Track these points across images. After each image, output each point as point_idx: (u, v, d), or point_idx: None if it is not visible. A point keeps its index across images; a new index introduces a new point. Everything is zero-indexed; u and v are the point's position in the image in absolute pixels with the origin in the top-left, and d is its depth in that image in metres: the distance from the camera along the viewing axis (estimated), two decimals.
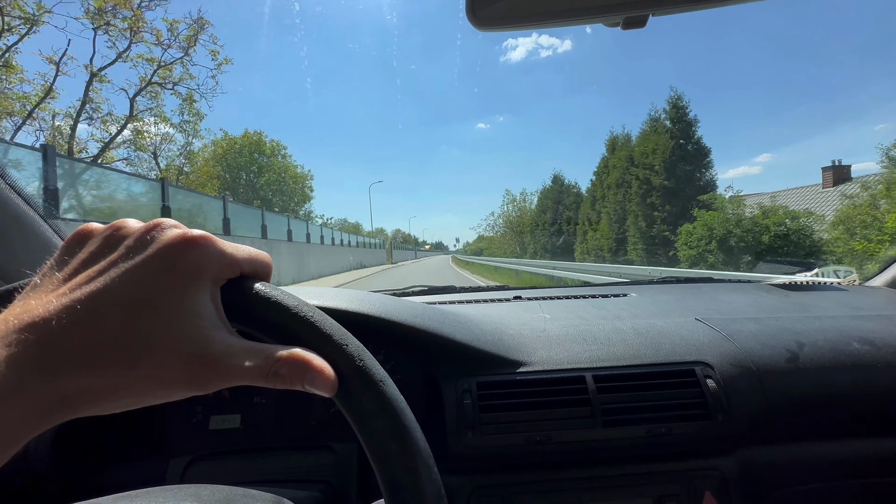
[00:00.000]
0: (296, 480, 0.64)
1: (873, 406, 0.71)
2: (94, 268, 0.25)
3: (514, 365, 0.69)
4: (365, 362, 0.29)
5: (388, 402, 0.28)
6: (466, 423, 0.64)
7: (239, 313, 0.28)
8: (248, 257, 0.30)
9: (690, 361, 0.70)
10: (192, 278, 0.25)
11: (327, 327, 0.28)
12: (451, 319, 0.72)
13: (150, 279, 0.24)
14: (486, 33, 0.46)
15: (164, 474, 0.65)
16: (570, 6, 0.46)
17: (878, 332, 0.77)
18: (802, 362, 0.71)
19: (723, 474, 0.66)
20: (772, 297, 1.01)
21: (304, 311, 0.28)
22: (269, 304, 0.28)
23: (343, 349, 0.28)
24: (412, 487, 0.28)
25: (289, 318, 0.28)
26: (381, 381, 0.29)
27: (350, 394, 0.28)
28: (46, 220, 0.75)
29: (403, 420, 0.29)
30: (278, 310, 0.28)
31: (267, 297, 0.28)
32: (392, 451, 0.28)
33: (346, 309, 0.65)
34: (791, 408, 0.69)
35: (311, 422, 0.72)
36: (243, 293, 0.28)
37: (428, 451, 0.30)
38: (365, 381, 0.28)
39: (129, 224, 0.27)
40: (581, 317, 0.86)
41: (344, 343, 0.28)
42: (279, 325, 0.28)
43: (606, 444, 0.65)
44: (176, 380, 0.24)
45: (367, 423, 0.28)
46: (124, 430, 0.70)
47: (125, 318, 0.23)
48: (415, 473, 0.28)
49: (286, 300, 0.28)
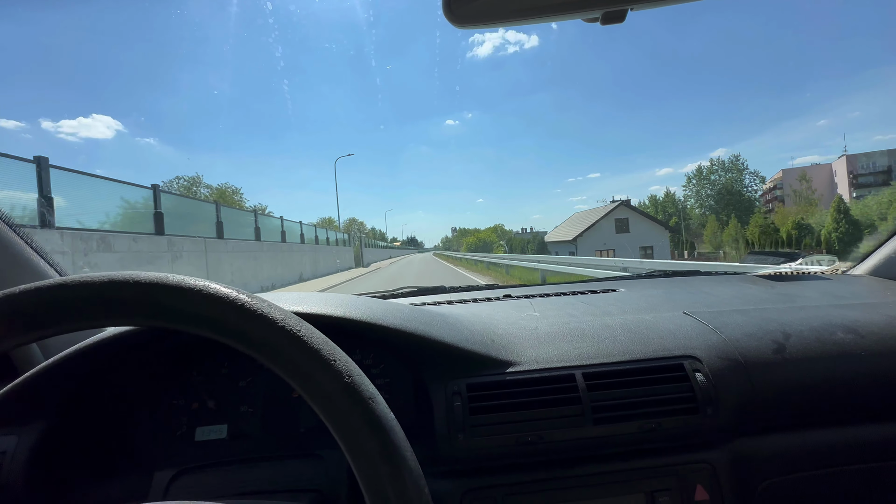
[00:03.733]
0: (284, 490, 0.63)
1: (858, 394, 0.72)
2: None
3: (504, 365, 0.68)
4: (353, 379, 0.28)
5: (378, 420, 0.27)
6: (457, 426, 0.63)
7: (213, 326, 0.27)
8: None
9: (679, 356, 0.70)
10: None
11: (315, 342, 0.28)
12: (439, 321, 0.72)
13: None
14: (458, 29, 0.45)
15: (148, 489, 0.63)
16: (549, 2, 0.45)
17: (862, 320, 0.78)
18: (788, 353, 0.72)
19: (713, 466, 0.66)
20: (758, 289, 1.03)
21: (290, 325, 0.27)
22: (254, 317, 0.27)
23: (331, 365, 0.27)
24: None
25: (274, 331, 0.27)
26: (370, 398, 0.28)
27: (338, 412, 0.27)
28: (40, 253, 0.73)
29: (393, 439, 0.28)
30: (263, 323, 0.27)
31: (252, 309, 0.27)
32: (382, 472, 0.27)
33: (332, 314, 0.63)
34: (778, 398, 0.70)
35: (299, 430, 0.70)
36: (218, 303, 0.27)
37: (419, 472, 0.29)
38: (353, 399, 0.27)
39: None
40: (570, 314, 0.85)
41: (332, 358, 0.27)
42: (263, 339, 0.27)
43: (598, 442, 0.65)
44: None
45: (356, 444, 0.27)
46: (106, 444, 0.68)
47: None
48: (405, 495, 0.27)
49: (273, 313, 0.27)
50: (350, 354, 0.30)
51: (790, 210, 38.91)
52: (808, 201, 39.93)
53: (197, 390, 0.72)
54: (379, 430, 0.27)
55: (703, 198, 51.45)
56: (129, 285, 0.31)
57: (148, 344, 0.67)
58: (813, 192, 42.06)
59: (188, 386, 0.72)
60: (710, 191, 50.85)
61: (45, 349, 0.73)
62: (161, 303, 0.30)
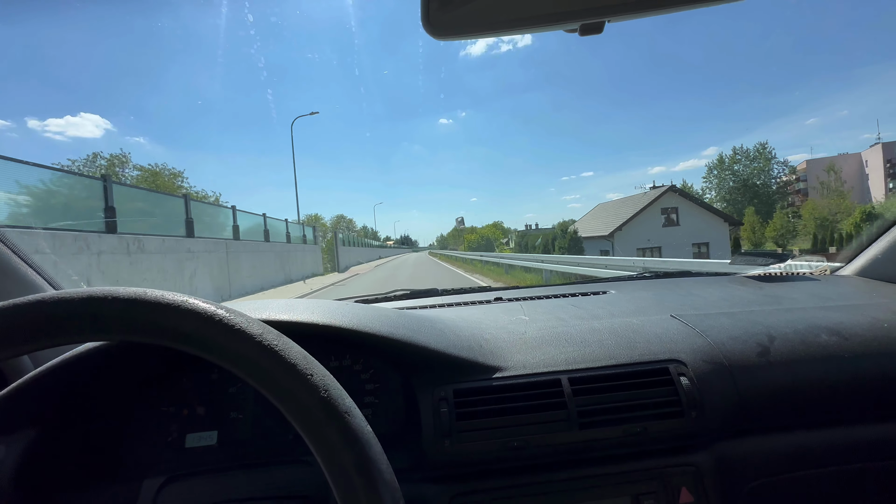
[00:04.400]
0: (274, 497, 0.63)
1: (842, 396, 0.73)
2: None
3: (491, 370, 0.69)
4: (330, 393, 0.28)
5: (354, 434, 0.27)
6: (443, 431, 0.64)
7: (191, 341, 0.27)
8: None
9: (664, 360, 0.71)
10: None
11: (292, 356, 0.27)
12: (426, 326, 0.72)
13: None
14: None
15: (137, 497, 0.64)
16: (527, 14, 0.45)
17: (846, 322, 0.79)
18: (773, 356, 0.73)
19: (698, 469, 0.67)
20: (746, 290, 1.03)
21: (268, 339, 0.27)
22: (234, 332, 0.27)
23: (307, 379, 0.27)
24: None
25: (251, 346, 0.27)
26: (346, 413, 0.28)
27: (314, 426, 0.27)
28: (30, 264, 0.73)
29: (369, 453, 0.28)
30: (241, 338, 0.27)
31: (231, 325, 0.27)
32: (357, 484, 0.27)
33: (318, 322, 0.64)
34: (763, 401, 0.71)
35: (288, 436, 0.71)
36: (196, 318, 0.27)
37: (395, 484, 0.29)
38: (330, 413, 0.27)
39: None
40: (559, 318, 0.86)
41: (309, 373, 0.27)
42: (241, 354, 0.27)
43: (584, 446, 0.65)
44: None
45: (332, 457, 0.27)
46: (96, 452, 0.68)
47: None
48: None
49: (251, 328, 0.27)
50: (339, 360, 0.30)
51: (821, 203, 35.39)
52: (838, 193, 35.70)
53: (187, 397, 0.72)
54: (355, 444, 0.27)
55: (725, 190, 46.09)
56: (108, 301, 0.31)
57: (137, 351, 0.67)
58: (842, 183, 37.27)
59: (178, 392, 0.72)
60: (734, 182, 45.67)
61: (34, 358, 0.73)
62: (139, 319, 0.31)
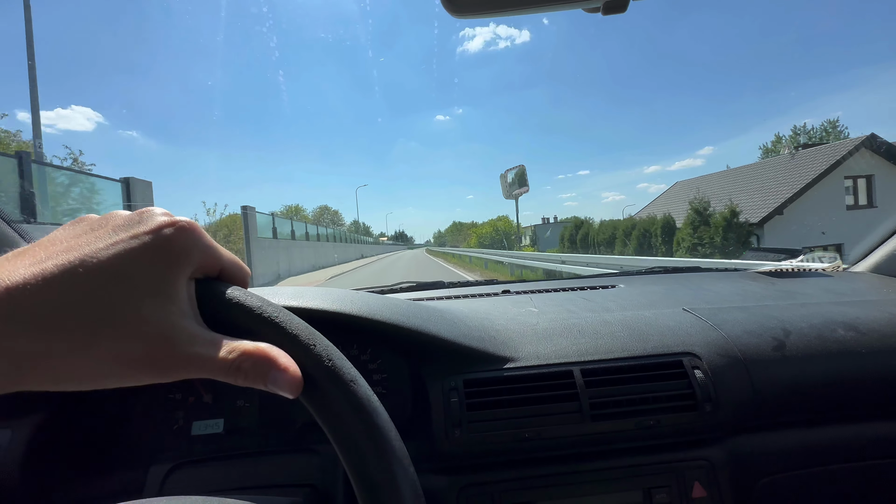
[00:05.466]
0: (280, 485, 0.63)
1: (859, 392, 0.71)
2: (77, 241, 0.24)
3: (502, 361, 0.68)
4: (334, 362, 0.27)
5: (360, 401, 0.27)
6: (454, 422, 0.63)
7: (204, 314, 0.26)
8: (231, 260, 0.29)
9: (678, 352, 0.70)
10: (172, 262, 0.25)
11: (293, 327, 0.27)
12: (436, 316, 0.71)
13: (129, 254, 0.24)
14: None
15: (144, 483, 0.63)
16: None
17: (863, 317, 0.77)
18: (789, 350, 0.71)
19: (711, 464, 0.66)
20: (758, 285, 1.02)
21: (267, 312, 0.27)
22: (230, 304, 0.27)
23: (310, 349, 0.27)
24: (388, 488, 0.27)
25: (252, 318, 0.27)
26: (351, 381, 0.28)
27: (320, 394, 0.27)
28: (10, 224, 0.72)
29: (376, 420, 0.28)
30: (240, 310, 0.27)
31: (229, 297, 0.27)
32: (366, 451, 0.27)
33: (328, 309, 0.63)
34: (778, 396, 0.69)
35: (295, 425, 0.70)
36: (208, 293, 0.27)
37: (403, 451, 0.29)
38: (335, 381, 0.27)
39: (122, 211, 0.27)
40: (569, 310, 0.85)
41: (311, 343, 0.27)
42: (242, 325, 0.27)
43: (595, 439, 0.64)
44: (135, 360, 0.23)
45: (338, 425, 0.27)
46: (102, 439, 0.68)
47: (94, 286, 0.22)
48: (390, 473, 0.27)
49: (249, 300, 0.27)
50: (347, 349, 0.30)
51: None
52: None
53: (194, 384, 0.72)
54: (362, 411, 0.27)
55: None
56: None
57: None
58: None
59: (185, 380, 0.72)
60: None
61: None
62: None
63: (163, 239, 0.25)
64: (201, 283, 0.27)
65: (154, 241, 0.25)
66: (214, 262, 0.28)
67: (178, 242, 0.25)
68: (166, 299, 0.24)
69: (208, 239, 0.27)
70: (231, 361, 0.25)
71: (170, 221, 0.26)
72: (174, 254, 0.25)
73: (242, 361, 0.25)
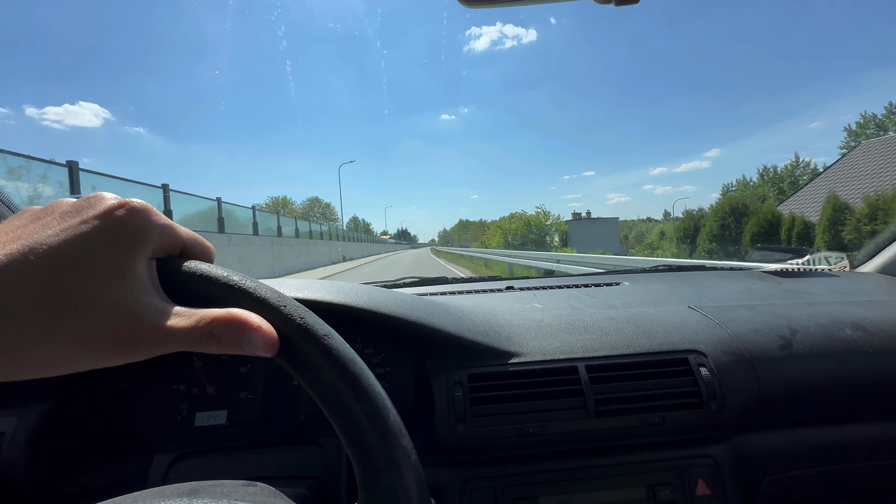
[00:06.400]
0: (283, 477, 0.63)
1: (866, 391, 0.71)
2: (28, 228, 0.24)
3: (506, 356, 0.68)
4: (306, 319, 0.28)
5: (335, 353, 0.28)
6: (458, 416, 0.63)
7: (169, 291, 0.27)
8: (192, 237, 0.29)
9: (684, 350, 0.69)
10: (128, 242, 0.25)
11: (261, 292, 0.27)
12: (441, 311, 0.71)
13: (83, 239, 0.24)
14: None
15: (148, 473, 0.63)
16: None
17: (870, 317, 0.77)
18: (795, 349, 0.71)
19: (715, 461, 0.66)
20: (764, 285, 1.01)
21: (233, 280, 0.27)
22: (194, 278, 0.27)
23: (281, 310, 0.27)
24: (372, 430, 0.27)
25: (219, 288, 0.27)
26: (325, 336, 0.28)
27: (295, 351, 0.27)
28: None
29: (353, 368, 0.28)
30: (204, 281, 0.27)
31: (192, 270, 0.27)
32: (346, 399, 0.27)
33: (334, 301, 0.63)
34: (783, 394, 0.69)
35: (298, 417, 0.70)
36: (171, 268, 0.27)
37: (383, 394, 0.29)
38: (308, 337, 0.27)
39: (67, 199, 0.27)
40: (574, 306, 0.85)
41: (282, 304, 0.27)
42: (209, 297, 0.27)
43: (599, 435, 0.64)
44: (101, 342, 0.23)
45: (316, 377, 0.27)
46: (107, 428, 0.68)
47: (51, 274, 0.22)
48: (373, 416, 0.28)
49: (214, 272, 0.27)
50: (351, 343, 0.30)
51: None
52: None
53: (197, 376, 0.72)
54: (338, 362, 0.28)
55: None
56: None
57: None
58: None
59: (189, 371, 0.72)
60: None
61: None
62: None
63: (115, 221, 0.25)
64: (162, 260, 0.27)
65: (106, 224, 0.25)
66: (174, 240, 0.28)
67: (132, 223, 0.25)
68: (126, 279, 0.24)
69: (163, 218, 0.27)
70: (202, 329, 0.25)
71: (119, 203, 0.26)
72: (129, 234, 0.25)
73: (214, 328, 0.25)
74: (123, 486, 0.63)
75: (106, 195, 0.26)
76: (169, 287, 0.27)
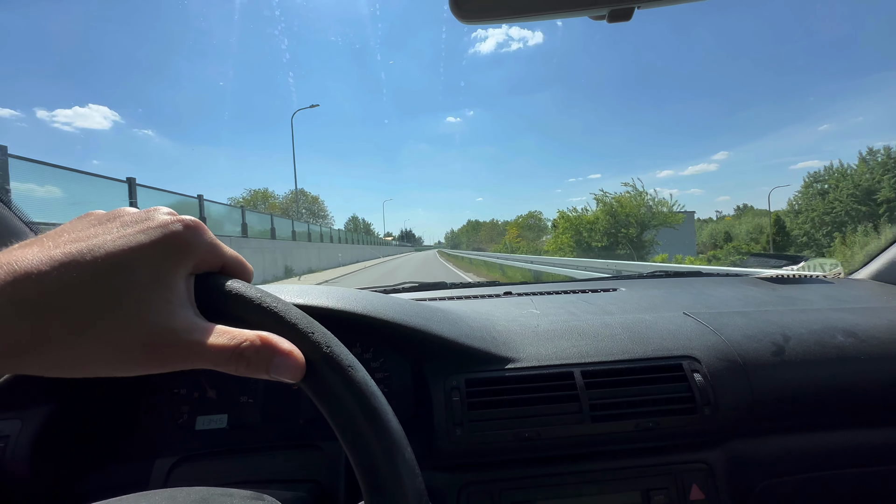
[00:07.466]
0: (283, 480, 0.64)
1: (857, 398, 0.72)
2: (85, 233, 0.25)
3: (504, 361, 0.69)
4: (332, 349, 0.28)
5: (358, 386, 0.28)
6: (455, 420, 0.64)
7: (202, 306, 0.27)
8: (234, 257, 0.30)
9: (678, 356, 0.70)
10: (174, 256, 0.26)
11: (292, 316, 0.28)
12: (439, 316, 0.72)
13: (137, 248, 0.25)
14: (461, 24, 0.45)
15: (149, 476, 0.64)
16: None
17: (863, 324, 0.78)
18: (788, 355, 0.72)
19: (710, 467, 0.66)
20: (759, 291, 1.02)
21: (266, 302, 0.28)
22: (229, 297, 0.28)
23: (309, 337, 0.28)
24: (387, 468, 0.28)
25: (251, 309, 0.28)
26: (349, 367, 0.29)
27: (319, 380, 0.28)
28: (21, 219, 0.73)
29: (374, 403, 0.29)
30: (238, 301, 0.28)
31: (228, 290, 0.28)
32: (364, 433, 0.28)
33: (332, 307, 0.64)
34: (777, 400, 0.70)
35: (299, 420, 0.71)
36: (206, 285, 0.28)
37: (401, 432, 0.30)
38: (333, 367, 0.28)
39: (130, 208, 0.28)
40: (570, 312, 0.86)
41: (310, 331, 0.28)
42: (239, 316, 0.28)
43: (595, 439, 0.65)
44: (133, 349, 0.24)
45: (337, 408, 0.28)
46: (109, 431, 0.69)
47: (97, 276, 0.23)
48: (389, 454, 0.28)
49: (248, 292, 0.28)
50: (350, 348, 0.30)
51: None
52: None
53: (198, 380, 0.73)
54: (360, 394, 0.28)
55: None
56: None
57: None
58: None
59: (190, 375, 0.73)
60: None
61: None
62: None
63: (170, 234, 0.26)
64: (200, 276, 0.28)
65: (161, 236, 0.26)
66: (216, 258, 0.29)
67: (182, 238, 0.27)
68: (166, 290, 0.25)
69: (211, 236, 0.28)
70: (233, 349, 0.25)
71: (177, 219, 0.27)
72: (178, 248, 0.26)
73: (245, 349, 0.25)
74: (125, 489, 0.64)
75: (162, 209, 0.28)
76: (203, 302, 0.27)
